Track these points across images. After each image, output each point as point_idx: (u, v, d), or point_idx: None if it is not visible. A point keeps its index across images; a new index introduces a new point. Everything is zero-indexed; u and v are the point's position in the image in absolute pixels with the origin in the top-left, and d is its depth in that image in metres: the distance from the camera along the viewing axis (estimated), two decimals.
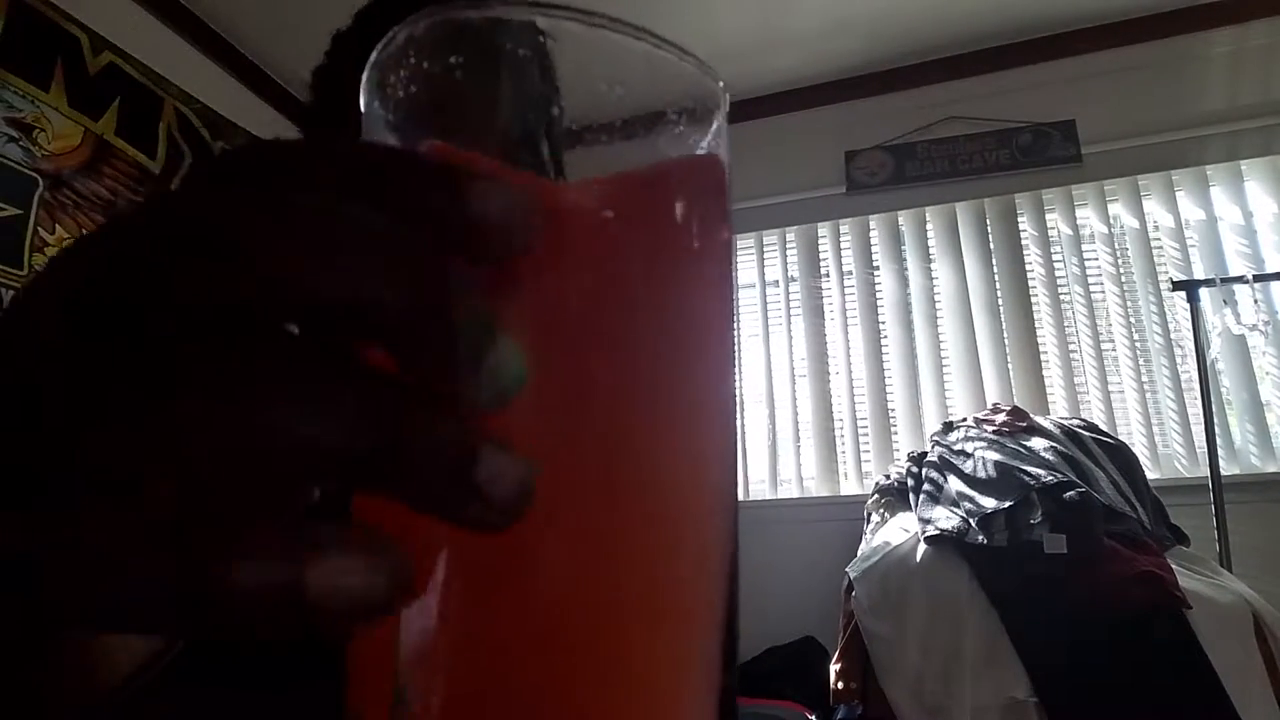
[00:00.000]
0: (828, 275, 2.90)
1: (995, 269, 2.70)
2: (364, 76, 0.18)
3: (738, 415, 0.18)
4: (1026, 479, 1.81)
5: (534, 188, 0.15)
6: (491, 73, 0.17)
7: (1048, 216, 2.70)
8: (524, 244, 0.14)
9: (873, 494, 2.25)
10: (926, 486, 2.02)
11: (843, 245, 2.91)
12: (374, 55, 0.17)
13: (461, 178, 0.14)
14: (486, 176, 0.14)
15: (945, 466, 2.03)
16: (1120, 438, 2.15)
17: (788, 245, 2.95)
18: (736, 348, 0.18)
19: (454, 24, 0.17)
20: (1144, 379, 2.47)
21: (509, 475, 0.13)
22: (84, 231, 1.44)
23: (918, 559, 1.82)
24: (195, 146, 2.36)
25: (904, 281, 2.79)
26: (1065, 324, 2.59)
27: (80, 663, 0.24)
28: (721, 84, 0.18)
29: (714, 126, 0.18)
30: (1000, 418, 2.14)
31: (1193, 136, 2.52)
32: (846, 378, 2.76)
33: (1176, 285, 2.19)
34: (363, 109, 0.18)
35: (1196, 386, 2.13)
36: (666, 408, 0.16)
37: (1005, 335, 2.63)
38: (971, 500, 1.84)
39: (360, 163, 0.14)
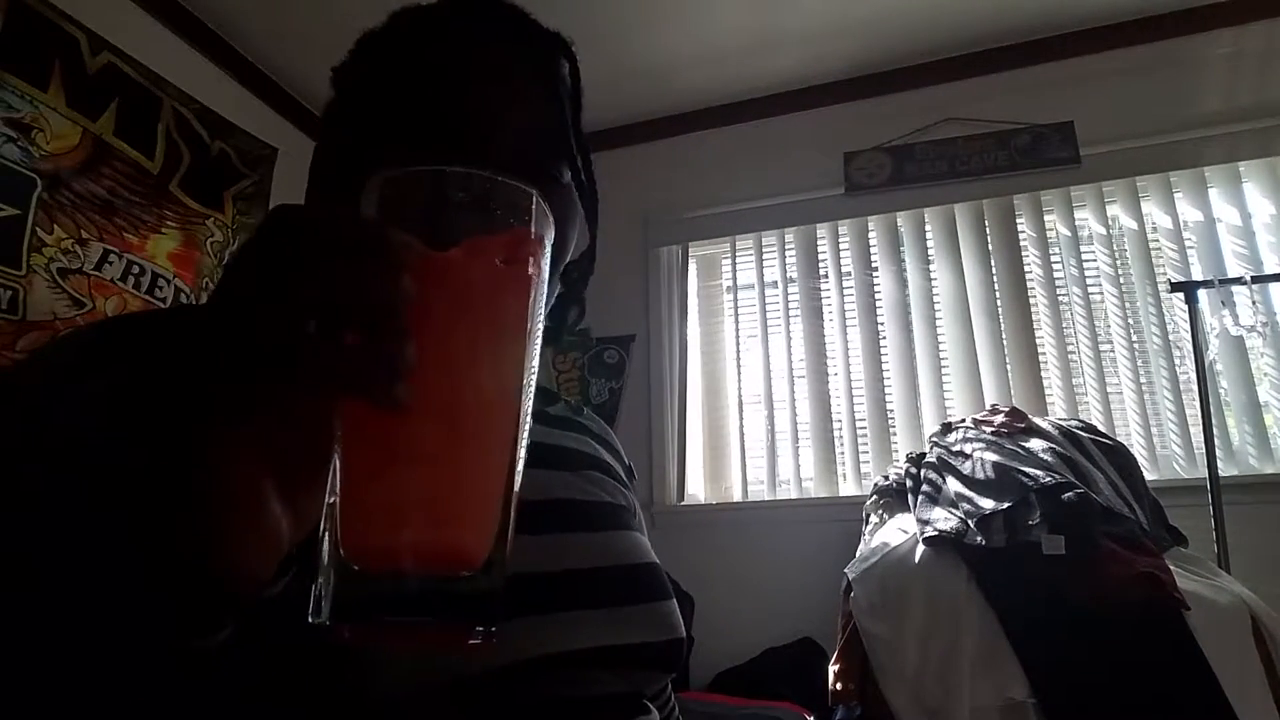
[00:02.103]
0: (826, 276, 2.90)
1: (994, 270, 2.70)
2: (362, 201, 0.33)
3: (532, 371, 0.34)
4: (1025, 480, 1.81)
5: (420, 260, 0.30)
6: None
7: (1046, 218, 2.70)
8: (403, 297, 0.29)
9: (871, 495, 2.25)
10: (925, 487, 2.02)
11: (841, 246, 2.91)
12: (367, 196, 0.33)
13: (380, 265, 0.29)
14: (391, 262, 0.29)
15: (944, 467, 2.03)
16: (1118, 439, 2.15)
17: (786, 246, 2.96)
18: (531, 336, 0.26)
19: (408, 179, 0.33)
20: (1142, 380, 2.48)
21: (402, 384, 0.28)
22: (82, 233, 1.46)
23: (916, 560, 1.82)
24: (194, 147, 2.36)
25: (903, 282, 2.79)
26: (1064, 325, 2.59)
27: (258, 517, 0.31)
28: (534, 193, 0.33)
29: (531, 212, 0.33)
30: (999, 419, 2.14)
31: (1191, 138, 2.53)
32: (845, 379, 2.76)
33: (1175, 286, 2.19)
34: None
35: (1195, 388, 2.14)
36: (476, 359, 0.32)
37: (1004, 336, 2.63)
38: (970, 501, 1.84)
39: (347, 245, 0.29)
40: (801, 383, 2.82)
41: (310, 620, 0.30)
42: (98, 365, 0.43)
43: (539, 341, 0.34)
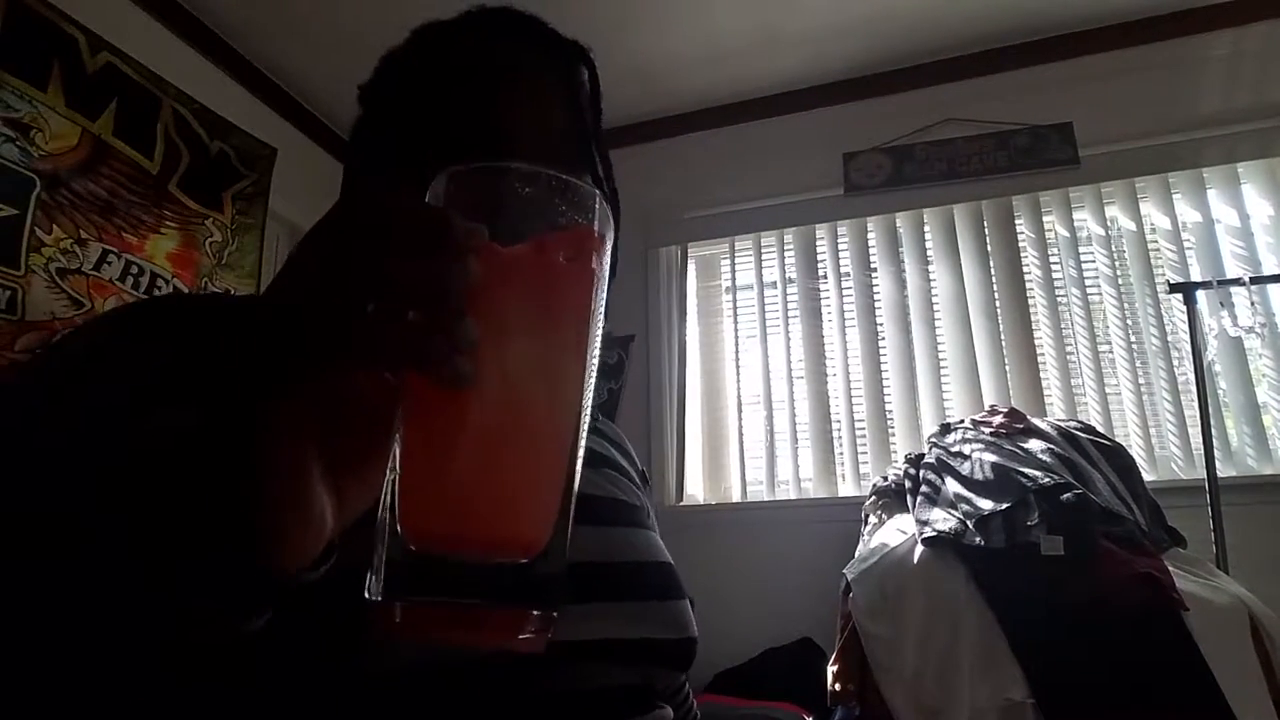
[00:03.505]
0: (825, 277, 2.90)
1: (993, 271, 2.70)
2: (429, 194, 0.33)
3: (593, 362, 0.34)
4: (1024, 481, 1.81)
5: (485, 251, 0.30)
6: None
7: (1045, 219, 2.70)
8: (470, 281, 0.29)
9: (870, 495, 2.25)
10: (924, 488, 2.02)
11: (840, 247, 2.91)
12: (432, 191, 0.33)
13: (450, 249, 0.29)
14: (461, 249, 0.29)
15: (942, 468, 2.03)
16: (1117, 440, 2.15)
17: (785, 247, 2.96)
18: (593, 327, 0.31)
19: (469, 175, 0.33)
20: (1141, 381, 2.48)
21: (463, 360, 0.29)
22: (81, 233, 1.47)
23: (915, 560, 1.82)
24: (193, 147, 2.36)
25: (902, 283, 2.79)
26: (1062, 326, 2.60)
27: (308, 503, 0.31)
28: (597, 193, 0.34)
29: (595, 211, 0.34)
30: (997, 419, 2.14)
31: (1190, 139, 2.53)
32: (844, 379, 2.76)
33: (1173, 287, 2.19)
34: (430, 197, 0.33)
35: (1193, 388, 2.14)
36: (540, 348, 0.32)
37: (1002, 337, 2.63)
38: (969, 502, 1.84)
39: (417, 228, 0.29)
40: (800, 383, 2.82)
41: (365, 596, 0.31)
42: (157, 339, 0.44)
43: (600, 335, 0.35)
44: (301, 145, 2.84)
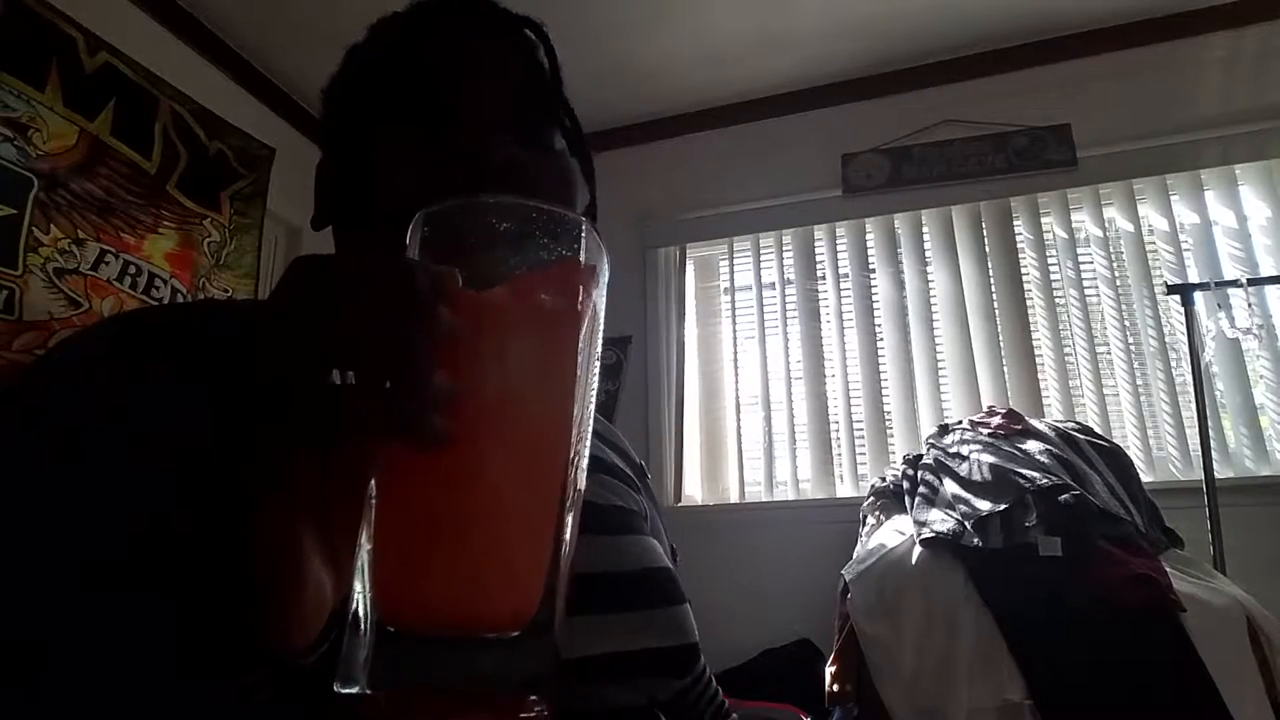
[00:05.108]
0: (824, 278, 2.90)
1: (991, 272, 2.70)
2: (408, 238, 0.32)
3: (587, 408, 0.32)
4: (1021, 482, 1.82)
5: (459, 299, 0.28)
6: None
7: (1043, 220, 2.71)
8: (448, 332, 0.28)
9: (868, 496, 2.25)
10: (922, 489, 2.02)
11: (839, 248, 2.91)
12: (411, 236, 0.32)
13: (425, 307, 0.28)
14: (433, 304, 0.28)
15: (940, 469, 2.03)
16: (1115, 441, 2.15)
17: (784, 248, 2.96)
18: (583, 372, 0.26)
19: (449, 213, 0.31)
20: (1139, 382, 2.48)
21: (437, 420, 0.27)
22: (79, 232, 1.46)
23: (913, 561, 1.82)
24: (191, 147, 2.36)
25: (900, 284, 2.80)
26: (1060, 327, 2.60)
27: (303, 588, 0.30)
28: (584, 221, 0.31)
29: (580, 241, 0.31)
30: (995, 420, 2.14)
31: (1187, 141, 2.53)
32: (842, 380, 2.76)
33: (1171, 289, 2.19)
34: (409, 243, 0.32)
35: (1191, 390, 2.14)
36: (523, 401, 0.30)
37: (1000, 338, 2.63)
38: (967, 503, 1.84)
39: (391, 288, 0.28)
40: (799, 384, 2.82)
41: (338, 688, 0.28)
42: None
43: (595, 376, 0.32)
44: (299, 145, 2.84)
